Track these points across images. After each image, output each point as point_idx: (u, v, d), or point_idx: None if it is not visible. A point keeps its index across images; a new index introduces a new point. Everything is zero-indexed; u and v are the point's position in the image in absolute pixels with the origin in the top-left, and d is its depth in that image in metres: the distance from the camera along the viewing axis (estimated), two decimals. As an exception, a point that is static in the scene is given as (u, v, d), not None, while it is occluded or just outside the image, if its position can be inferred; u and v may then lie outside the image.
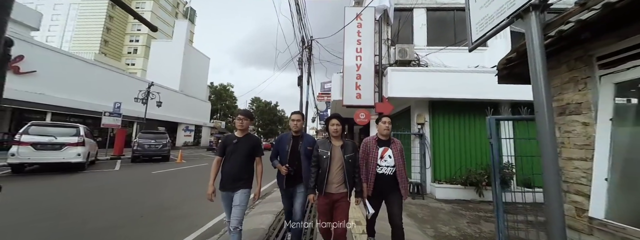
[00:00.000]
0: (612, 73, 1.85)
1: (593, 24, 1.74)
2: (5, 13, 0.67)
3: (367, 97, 7.10)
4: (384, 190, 2.61)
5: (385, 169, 2.61)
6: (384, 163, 2.62)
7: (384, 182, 2.59)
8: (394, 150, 2.65)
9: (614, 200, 1.72)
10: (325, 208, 2.42)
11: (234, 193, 2.47)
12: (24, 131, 7.53)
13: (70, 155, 7.90)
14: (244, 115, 2.65)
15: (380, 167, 2.62)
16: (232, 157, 2.53)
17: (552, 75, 2.30)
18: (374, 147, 2.68)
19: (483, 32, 2.49)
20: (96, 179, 7.50)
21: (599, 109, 1.88)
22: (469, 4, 2.79)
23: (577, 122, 2.04)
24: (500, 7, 2.26)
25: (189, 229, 3.59)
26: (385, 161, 2.62)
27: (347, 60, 7.20)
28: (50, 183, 6.50)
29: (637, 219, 1.57)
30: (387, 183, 2.59)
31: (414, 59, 7.13)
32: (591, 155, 1.88)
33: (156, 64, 29.18)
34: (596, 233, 1.85)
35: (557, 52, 2.21)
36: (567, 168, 2.10)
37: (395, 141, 2.75)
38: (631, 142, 1.73)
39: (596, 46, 1.93)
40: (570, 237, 2.08)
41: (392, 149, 2.66)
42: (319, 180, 2.45)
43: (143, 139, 12.27)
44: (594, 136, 1.87)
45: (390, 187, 2.59)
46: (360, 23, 7.32)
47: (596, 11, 1.64)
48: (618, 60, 1.81)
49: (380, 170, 2.61)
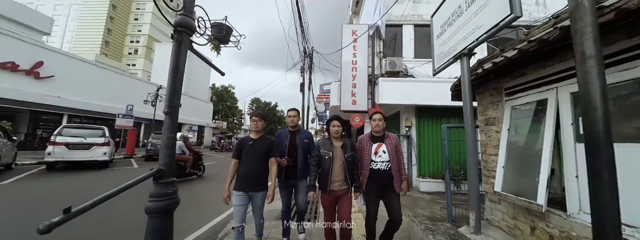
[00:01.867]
0: (511, 99, 2.88)
1: (497, 69, 2.77)
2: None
3: (362, 103, 8.13)
4: (381, 187, 2.60)
5: (380, 165, 2.60)
6: (379, 158, 2.62)
7: (380, 178, 2.59)
8: (388, 145, 2.65)
9: (506, 180, 2.75)
10: (329, 204, 2.55)
11: (250, 194, 2.47)
12: (57, 133, 8.49)
13: (98, 154, 8.87)
14: (258, 116, 2.66)
15: (375, 162, 2.62)
16: (249, 159, 2.52)
17: (482, 98, 3.34)
18: (367, 143, 2.70)
19: (441, 62, 3.57)
20: (124, 174, 8.48)
21: (503, 122, 2.91)
22: (433, 41, 3.87)
23: (493, 130, 3.08)
24: (449, 48, 3.33)
25: (219, 211, 4.61)
26: (380, 156, 2.62)
27: (344, 72, 8.23)
28: (86, 178, 7.47)
29: (517, 190, 2.60)
30: (383, 178, 2.58)
31: (403, 69, 8.16)
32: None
33: (161, 67, 30.14)
34: (502, 202, 2.88)
35: (485, 82, 3.25)
36: (488, 161, 3.14)
37: (390, 136, 2.73)
38: (516, 144, 2.76)
39: (504, 81, 2.96)
40: (489, 206, 3.12)
41: (387, 144, 2.66)
42: (322, 179, 2.54)
43: (156, 140, 13.24)
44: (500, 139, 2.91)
45: (387, 182, 2.59)
46: (355, 38, 8.34)
47: (501, 60, 2.66)
48: (514, 92, 2.84)
49: (375, 165, 2.61)
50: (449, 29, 3.35)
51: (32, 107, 13.52)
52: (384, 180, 2.59)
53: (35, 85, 13.51)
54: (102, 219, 3.84)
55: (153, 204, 1.58)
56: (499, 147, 2.94)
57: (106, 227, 3.65)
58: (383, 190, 2.61)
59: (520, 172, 2.64)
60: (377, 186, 2.60)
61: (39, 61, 13.62)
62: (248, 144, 2.57)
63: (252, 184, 2.47)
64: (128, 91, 19.02)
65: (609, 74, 1.67)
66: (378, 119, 2.75)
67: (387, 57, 8.28)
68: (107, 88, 17.68)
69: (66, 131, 8.64)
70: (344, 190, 2.52)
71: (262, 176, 2.52)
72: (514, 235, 2.63)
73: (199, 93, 31.47)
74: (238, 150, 2.57)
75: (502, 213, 2.86)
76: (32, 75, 13.37)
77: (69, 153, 8.37)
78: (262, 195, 2.50)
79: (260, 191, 2.49)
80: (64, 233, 2.73)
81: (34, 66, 13.43)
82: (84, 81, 15.95)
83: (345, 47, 8.22)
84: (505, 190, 2.71)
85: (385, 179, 2.59)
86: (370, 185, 2.62)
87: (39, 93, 13.54)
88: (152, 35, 59.25)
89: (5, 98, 12.25)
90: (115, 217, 4.06)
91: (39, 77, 13.64)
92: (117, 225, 3.76)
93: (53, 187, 6.07)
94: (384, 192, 2.61)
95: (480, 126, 3.37)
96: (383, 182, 2.59)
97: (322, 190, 2.55)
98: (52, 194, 5.38)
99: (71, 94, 15.12)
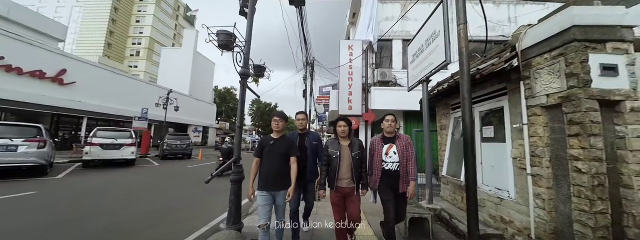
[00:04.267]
0: (453, 112, 4.22)
1: (443, 92, 4.09)
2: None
3: (357, 108, 9.46)
4: (394, 186, 2.67)
5: (391, 165, 2.67)
6: (389, 159, 2.68)
7: (392, 178, 2.66)
8: (398, 146, 2.70)
9: (449, 167, 4.09)
10: (338, 200, 2.65)
11: (273, 193, 2.52)
12: (92, 134, 9.75)
13: (127, 153, 10.14)
14: (279, 117, 2.68)
15: (386, 163, 2.69)
16: (270, 158, 2.56)
17: (439, 110, 4.69)
18: (379, 144, 2.77)
19: (413, 83, 4.89)
20: (150, 170, 9.76)
21: (449, 128, 4.25)
22: (408, 65, 5.19)
23: (444, 133, 4.42)
24: (417, 73, 4.66)
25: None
26: (390, 157, 2.69)
27: (342, 82, 9.58)
28: (120, 173, 8.74)
29: (453, 173, 3.92)
30: (394, 178, 2.66)
31: (392, 79, 9.49)
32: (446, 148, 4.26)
33: (166, 70, 31.45)
34: (449, 183, 4.21)
35: (440, 99, 4.58)
36: (441, 155, 4.47)
37: (401, 137, 2.78)
38: (455, 143, 4.08)
39: (450, 99, 4.30)
40: (442, 186, 4.46)
41: (397, 145, 2.71)
42: (330, 177, 2.65)
43: (170, 140, 14.52)
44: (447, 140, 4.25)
45: (397, 182, 2.67)
46: (351, 52, 9.66)
47: (441, 88, 3.99)
48: (455, 107, 4.17)
49: (386, 166, 2.68)
50: (417, 59, 4.68)
51: (60, 111, 14.81)
52: (395, 180, 2.66)
53: (59, 91, 14.76)
54: (161, 200, 5.16)
55: (234, 176, 2.91)
56: (446, 145, 4.28)
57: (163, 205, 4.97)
58: (396, 189, 2.68)
59: (455, 161, 3.98)
60: (391, 187, 2.67)
61: (63, 69, 14.87)
62: (269, 143, 2.61)
63: (274, 183, 2.52)
64: (139, 95, 20.29)
65: (478, 106, 3.03)
66: (391, 119, 2.80)
67: (378, 68, 9.61)
68: (121, 92, 18.94)
69: (100, 133, 9.91)
70: (351, 188, 2.60)
71: (284, 175, 2.56)
72: (453, 203, 3.98)
73: (203, 95, 32.77)
74: (260, 150, 2.63)
75: (448, 190, 4.21)
76: (57, 81, 14.61)
77: (103, 152, 9.63)
78: (283, 194, 2.54)
79: (282, 189, 2.54)
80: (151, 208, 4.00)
81: (58, 73, 14.67)
82: (101, 86, 17.21)
83: (343, 65, 9.56)
84: (448, 174, 4.06)
85: (396, 179, 2.66)
86: (384, 187, 2.67)
87: (62, 98, 14.77)
88: (154, 37, 60.15)
89: (34, 103, 13.49)
90: (169, 202, 5.37)
91: (62, 83, 14.88)
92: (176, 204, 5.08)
93: (100, 180, 7.36)
94: (396, 193, 2.68)
95: (438, 130, 4.71)
96: (394, 181, 2.66)
97: (330, 187, 2.67)
98: (104, 185, 6.69)
99: (90, 98, 16.38)
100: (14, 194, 5.24)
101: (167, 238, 3.23)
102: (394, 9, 10.26)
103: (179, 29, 66.89)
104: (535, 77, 2.39)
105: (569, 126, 2.07)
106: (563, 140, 2.13)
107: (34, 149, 6.98)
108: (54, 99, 14.31)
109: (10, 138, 6.75)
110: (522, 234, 2.53)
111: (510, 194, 2.78)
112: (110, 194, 5.70)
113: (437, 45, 3.85)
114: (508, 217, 2.77)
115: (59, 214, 4.18)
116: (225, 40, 2.90)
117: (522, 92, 2.52)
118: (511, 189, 2.75)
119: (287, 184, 2.55)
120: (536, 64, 2.38)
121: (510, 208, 2.75)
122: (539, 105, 2.35)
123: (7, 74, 12.57)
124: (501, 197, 2.88)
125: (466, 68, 2.46)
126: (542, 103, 2.32)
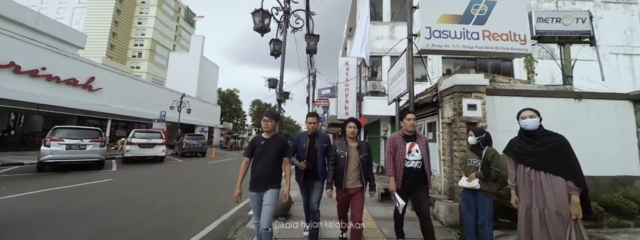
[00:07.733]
0: (426, 119, 6.21)
1: (418, 105, 6.08)
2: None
3: (352, 114, 11.46)
4: (411, 184, 2.70)
5: (414, 163, 2.69)
6: (412, 157, 2.69)
7: (412, 176, 2.68)
8: (420, 144, 2.74)
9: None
10: (343, 200, 2.73)
11: (264, 193, 2.48)
12: (131, 136, 11.66)
13: (159, 151, 12.08)
14: (269, 116, 2.63)
15: (409, 161, 2.69)
16: (261, 158, 2.52)
17: (406, 120, 6.70)
18: (401, 142, 2.75)
19: (392, 98, 6.88)
20: (179, 166, 11.69)
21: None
22: (388, 83, 7.19)
23: (409, 136, 6.42)
24: (393, 92, 6.67)
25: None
26: (413, 155, 2.69)
27: (340, 93, 11.59)
28: (157, 168, 10.66)
29: (414, 163, 5.93)
30: (414, 176, 2.69)
31: (382, 89, 11.50)
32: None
33: (175, 73, 33.33)
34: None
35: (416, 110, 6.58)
36: (408, 151, 6.49)
37: (420, 136, 2.82)
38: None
39: (416, 112, 6.29)
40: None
41: (419, 143, 2.75)
42: (337, 177, 2.68)
43: (189, 140, 16.48)
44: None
45: (417, 180, 2.70)
46: (347, 67, 11.67)
47: (403, 105, 5.97)
48: (425, 116, 6.18)
49: (409, 164, 2.69)
50: (393, 83, 6.66)
51: (90, 114, 16.69)
52: (415, 178, 2.70)
53: (89, 96, 16.62)
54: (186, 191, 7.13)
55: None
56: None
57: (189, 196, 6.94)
58: (412, 186, 2.71)
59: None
60: (408, 184, 2.70)
61: (92, 76, 16.72)
62: (260, 143, 2.56)
63: (264, 184, 2.48)
64: (155, 99, 22.17)
65: (425, 119, 5.07)
66: (413, 118, 2.82)
67: (370, 80, 11.61)
68: (139, 96, 20.82)
69: (137, 134, 11.83)
70: (357, 189, 2.64)
71: (275, 176, 2.53)
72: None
73: (208, 97, 34.67)
74: (250, 150, 2.60)
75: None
76: (87, 88, 16.48)
77: (140, 150, 11.55)
78: (271, 193, 2.48)
79: (270, 188, 2.49)
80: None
81: (88, 81, 16.53)
82: (122, 91, 19.08)
83: (341, 82, 11.60)
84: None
85: (416, 177, 2.70)
86: (403, 186, 2.70)
87: (91, 102, 16.63)
88: (156, 38, 61.51)
89: (68, 107, 15.34)
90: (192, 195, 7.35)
91: (91, 89, 16.75)
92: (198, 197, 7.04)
93: (146, 172, 9.28)
94: (413, 188, 2.72)
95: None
96: (414, 179, 2.69)
97: (337, 186, 2.70)
98: (151, 175, 8.65)
99: (114, 102, 18.24)
100: (100, 180, 7.17)
101: (226, 202, 5.13)
102: (383, 30, 12.28)
103: (180, 31, 68.32)
104: (444, 107, 4.41)
105: (454, 134, 4.08)
106: (452, 142, 4.15)
107: (97, 147, 8.91)
108: (84, 104, 16.16)
109: (81, 139, 8.66)
110: (438, 191, 4.56)
111: (437, 172, 4.79)
112: (164, 182, 7.64)
113: (403, 78, 5.86)
114: (435, 185, 4.79)
115: (145, 191, 6.11)
116: (273, 82, 4.89)
117: (439, 114, 4.53)
118: (437, 169, 4.77)
119: (277, 184, 2.56)
120: (445, 100, 4.39)
121: (437, 180, 4.76)
122: (445, 122, 4.37)
123: (48, 82, 14.42)
124: (434, 175, 4.89)
125: (411, 99, 4.49)
126: (446, 122, 4.33)
